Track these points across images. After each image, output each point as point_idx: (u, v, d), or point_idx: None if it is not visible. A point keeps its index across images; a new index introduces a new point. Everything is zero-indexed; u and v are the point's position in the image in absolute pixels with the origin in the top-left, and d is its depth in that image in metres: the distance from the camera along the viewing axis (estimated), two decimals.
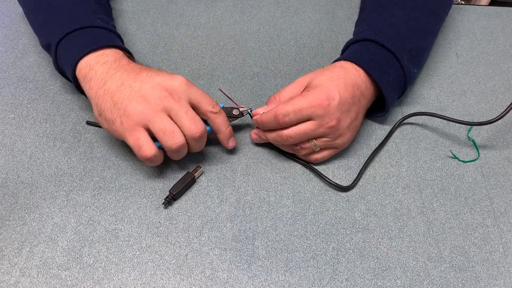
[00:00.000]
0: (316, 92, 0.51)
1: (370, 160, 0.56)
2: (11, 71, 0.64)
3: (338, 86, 0.51)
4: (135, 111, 0.48)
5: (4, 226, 0.50)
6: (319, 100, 0.50)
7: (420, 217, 0.52)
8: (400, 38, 0.57)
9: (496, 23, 0.75)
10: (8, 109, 0.60)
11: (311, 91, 0.51)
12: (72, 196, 0.52)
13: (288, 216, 0.52)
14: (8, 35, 0.69)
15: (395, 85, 0.56)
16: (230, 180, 0.55)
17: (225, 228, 0.51)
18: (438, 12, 0.64)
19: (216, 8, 0.75)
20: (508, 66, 0.69)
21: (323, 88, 0.51)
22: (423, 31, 0.60)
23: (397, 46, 0.56)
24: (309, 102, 0.50)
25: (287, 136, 0.52)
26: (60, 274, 0.47)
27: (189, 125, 0.49)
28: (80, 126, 0.59)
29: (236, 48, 0.69)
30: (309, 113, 0.50)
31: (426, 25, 0.61)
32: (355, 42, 0.58)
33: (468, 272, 0.49)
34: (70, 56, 0.54)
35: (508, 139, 0.60)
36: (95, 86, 0.51)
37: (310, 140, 0.52)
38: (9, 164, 0.55)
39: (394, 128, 0.60)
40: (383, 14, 0.60)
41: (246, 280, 0.47)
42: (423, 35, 0.60)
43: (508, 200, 0.54)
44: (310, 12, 0.75)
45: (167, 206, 0.52)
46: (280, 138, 0.52)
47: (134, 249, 0.49)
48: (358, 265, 0.49)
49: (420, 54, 0.60)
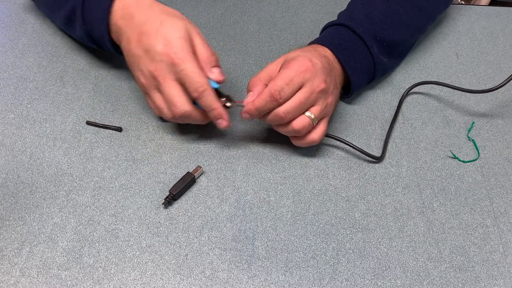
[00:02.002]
0: (298, 61, 0.52)
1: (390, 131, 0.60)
2: (11, 71, 0.64)
3: (313, 55, 0.53)
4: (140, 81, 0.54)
5: (4, 226, 0.50)
6: (305, 65, 0.51)
7: (420, 217, 0.52)
8: (373, 28, 0.60)
9: (496, 23, 0.75)
10: (8, 109, 0.60)
11: (292, 62, 0.52)
12: (72, 196, 0.52)
13: (288, 216, 0.52)
14: (8, 35, 0.69)
15: (363, 71, 0.59)
16: (230, 180, 0.55)
17: (225, 228, 0.51)
18: (427, 9, 0.66)
19: (216, 8, 0.75)
20: (508, 66, 0.69)
21: (302, 57, 0.52)
22: (402, 25, 0.63)
23: (368, 34, 0.59)
24: (296, 70, 0.51)
25: (284, 112, 0.51)
26: (60, 274, 0.47)
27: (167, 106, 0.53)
28: (80, 126, 0.59)
29: (236, 48, 0.69)
30: (300, 80, 0.51)
31: (408, 19, 0.63)
32: (331, 26, 0.62)
33: (468, 272, 0.49)
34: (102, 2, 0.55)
35: (508, 139, 0.60)
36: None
37: (306, 111, 0.52)
38: (9, 164, 0.55)
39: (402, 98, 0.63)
40: (365, 4, 0.63)
41: (246, 280, 0.47)
42: (401, 29, 0.62)
43: (508, 200, 0.54)
44: (310, 12, 0.75)
45: (167, 206, 0.52)
46: (277, 118, 0.52)
47: (134, 249, 0.49)
48: (358, 265, 0.49)
49: (393, 45, 0.62)
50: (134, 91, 0.63)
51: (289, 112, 0.51)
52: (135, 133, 0.58)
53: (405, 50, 0.67)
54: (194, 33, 0.53)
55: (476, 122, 0.62)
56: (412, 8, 0.64)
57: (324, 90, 0.52)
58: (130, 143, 0.57)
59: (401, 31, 0.62)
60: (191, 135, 0.59)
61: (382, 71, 0.62)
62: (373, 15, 0.61)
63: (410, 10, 0.63)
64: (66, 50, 0.67)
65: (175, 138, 0.58)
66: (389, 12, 0.62)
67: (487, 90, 0.59)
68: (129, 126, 0.59)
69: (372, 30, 0.59)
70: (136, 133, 0.58)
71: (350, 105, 0.63)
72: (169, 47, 0.50)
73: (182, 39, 0.51)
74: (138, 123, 0.59)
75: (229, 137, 0.59)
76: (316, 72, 0.51)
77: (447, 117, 0.62)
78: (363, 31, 0.59)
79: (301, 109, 0.51)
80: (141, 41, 0.52)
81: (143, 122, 0.59)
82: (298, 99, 0.51)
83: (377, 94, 0.65)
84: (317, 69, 0.52)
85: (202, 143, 0.58)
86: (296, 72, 0.51)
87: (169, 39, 0.50)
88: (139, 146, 0.57)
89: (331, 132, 0.59)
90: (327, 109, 0.54)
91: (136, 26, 0.53)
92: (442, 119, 0.62)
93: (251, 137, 0.59)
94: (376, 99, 0.64)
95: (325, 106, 0.53)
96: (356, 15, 0.61)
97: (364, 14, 0.61)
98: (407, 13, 0.63)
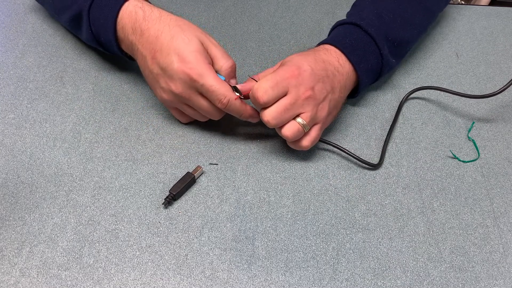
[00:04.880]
0: (286, 66, 0.52)
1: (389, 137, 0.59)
2: (11, 71, 0.64)
3: (307, 60, 0.52)
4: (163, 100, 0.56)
5: (4, 226, 0.50)
6: (290, 71, 0.51)
7: (420, 217, 0.52)
8: (384, 28, 0.59)
9: (496, 23, 0.75)
10: (8, 109, 0.60)
11: (281, 67, 0.52)
12: (72, 196, 0.52)
13: (288, 216, 0.52)
14: (8, 35, 0.69)
15: (371, 71, 0.59)
16: (230, 180, 0.55)
17: (225, 228, 0.51)
18: (430, 8, 0.65)
19: (216, 8, 0.75)
20: (508, 66, 0.69)
21: (293, 62, 0.52)
22: (410, 24, 0.62)
23: (380, 34, 0.58)
24: (281, 75, 0.50)
25: (268, 116, 0.50)
26: (60, 274, 0.47)
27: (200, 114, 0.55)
28: (80, 126, 0.59)
29: (236, 48, 0.69)
30: (285, 85, 0.50)
31: (415, 18, 0.63)
32: (341, 25, 0.60)
33: (468, 272, 0.49)
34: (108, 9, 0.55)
35: (508, 139, 0.60)
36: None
37: (295, 118, 0.51)
38: (9, 164, 0.55)
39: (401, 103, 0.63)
40: (374, 2, 0.62)
41: (246, 280, 0.47)
42: (409, 28, 0.62)
43: (508, 200, 0.54)
44: (310, 12, 0.75)
45: (167, 206, 0.52)
46: (264, 121, 0.51)
47: (134, 249, 0.49)
48: (358, 265, 0.49)
49: (401, 45, 0.61)
50: (134, 91, 0.63)
51: (274, 117, 0.50)
52: (135, 133, 0.58)
53: (410, 49, 0.66)
54: (208, 43, 0.53)
55: (476, 122, 0.62)
56: (418, 6, 0.63)
57: (311, 97, 0.51)
58: (130, 143, 0.57)
59: (409, 30, 0.62)
60: (191, 135, 0.59)
61: (387, 71, 0.62)
62: (383, 14, 0.60)
63: (416, 8, 0.63)
64: (66, 50, 0.67)
65: (175, 138, 0.58)
66: (398, 11, 0.61)
67: (488, 95, 0.58)
68: (129, 126, 0.59)
69: (383, 30, 0.58)
70: (136, 133, 0.58)
71: (349, 105, 0.63)
72: (184, 63, 0.50)
73: (196, 52, 0.51)
74: (138, 123, 0.59)
75: (229, 137, 0.59)
76: (302, 80, 0.50)
77: (447, 117, 0.62)
78: (375, 32, 0.57)
79: (287, 115, 0.51)
80: (156, 58, 0.52)
81: (143, 122, 0.59)
82: (283, 105, 0.50)
83: (377, 94, 0.65)
84: (304, 77, 0.51)
85: (202, 143, 0.58)
86: (281, 77, 0.50)
87: (183, 55, 0.50)
88: (139, 146, 0.57)
89: (330, 133, 0.59)
90: (319, 116, 0.52)
91: (149, 43, 0.53)
92: (442, 119, 0.62)
93: (251, 137, 0.59)
94: (375, 99, 0.64)
95: (315, 113, 0.52)
96: (366, 14, 0.59)
97: (375, 13, 0.60)
98: (414, 12, 0.62)
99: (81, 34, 0.62)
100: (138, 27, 0.54)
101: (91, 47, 0.67)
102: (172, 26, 0.52)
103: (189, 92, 0.52)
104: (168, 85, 0.52)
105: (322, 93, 0.52)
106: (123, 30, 0.55)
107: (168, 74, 0.51)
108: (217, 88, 0.50)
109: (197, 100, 0.52)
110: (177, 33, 0.52)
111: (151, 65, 0.53)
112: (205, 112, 0.54)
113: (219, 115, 0.54)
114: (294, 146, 0.54)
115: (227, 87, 0.51)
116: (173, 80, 0.51)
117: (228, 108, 0.52)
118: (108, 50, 0.60)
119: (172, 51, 0.51)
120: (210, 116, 0.55)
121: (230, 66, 0.54)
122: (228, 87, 0.51)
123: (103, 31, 0.56)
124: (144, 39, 0.53)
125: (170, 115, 0.60)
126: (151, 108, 0.61)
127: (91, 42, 0.60)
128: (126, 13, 0.55)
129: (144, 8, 0.55)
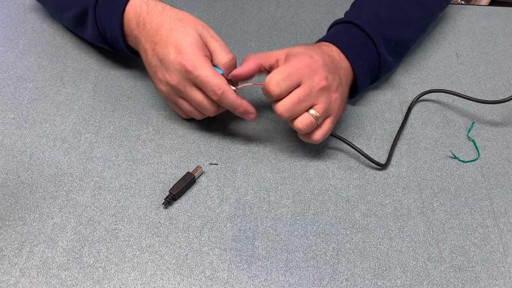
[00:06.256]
0: (298, 57, 0.51)
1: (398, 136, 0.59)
2: (11, 71, 0.64)
3: (316, 52, 0.52)
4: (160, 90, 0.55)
5: (4, 226, 0.50)
6: (304, 61, 0.50)
7: (420, 217, 0.52)
8: (381, 26, 0.59)
9: (496, 23, 0.75)
10: (8, 109, 0.60)
11: (292, 58, 0.51)
12: (72, 196, 0.52)
13: (288, 216, 0.52)
14: (8, 35, 0.69)
15: (369, 70, 0.58)
16: (230, 180, 0.55)
17: (225, 228, 0.51)
18: (430, 7, 0.65)
19: (216, 8, 0.75)
20: (508, 66, 0.69)
21: (303, 54, 0.51)
22: (408, 23, 0.62)
23: (377, 33, 0.58)
24: (294, 66, 0.50)
25: (281, 108, 0.50)
26: (60, 274, 0.47)
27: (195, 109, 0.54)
28: (80, 126, 0.59)
29: (236, 48, 0.69)
30: (298, 76, 0.49)
31: (414, 18, 0.63)
32: (339, 23, 0.60)
33: (468, 272, 0.49)
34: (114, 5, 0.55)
35: (508, 139, 0.60)
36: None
37: (308, 110, 0.50)
38: (9, 164, 0.55)
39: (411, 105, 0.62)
40: (373, 1, 0.62)
41: (246, 280, 0.47)
42: (407, 27, 0.62)
43: (508, 200, 0.54)
44: (310, 12, 0.75)
45: (167, 206, 0.52)
46: (276, 113, 0.51)
47: (134, 249, 0.49)
48: (358, 265, 0.49)
49: (400, 45, 0.61)
50: (134, 91, 0.63)
51: (287, 109, 0.49)
52: (135, 133, 0.58)
53: (409, 49, 0.66)
54: (208, 37, 0.53)
55: (476, 122, 0.62)
56: (417, 6, 0.63)
57: (326, 87, 0.50)
58: (130, 143, 0.57)
59: (407, 30, 0.62)
60: (191, 135, 0.59)
61: (386, 71, 0.62)
62: (381, 13, 0.60)
63: (416, 7, 0.63)
64: (66, 50, 0.67)
65: (175, 138, 0.58)
66: (396, 10, 0.61)
67: (499, 101, 0.58)
68: (129, 126, 0.59)
69: (381, 30, 0.58)
70: (136, 133, 0.58)
71: (349, 105, 0.63)
72: (180, 54, 0.50)
73: (193, 44, 0.51)
74: (138, 123, 0.59)
75: (229, 137, 0.59)
76: (316, 69, 0.50)
77: (447, 117, 0.62)
78: (372, 30, 0.58)
79: (301, 107, 0.50)
80: (155, 50, 0.52)
81: (143, 122, 0.59)
82: (297, 96, 0.49)
83: (377, 94, 0.65)
84: (317, 66, 0.50)
85: (202, 143, 0.58)
86: (294, 68, 0.49)
87: (179, 46, 0.50)
88: (139, 146, 0.57)
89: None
90: (332, 108, 0.51)
91: (150, 35, 0.53)
92: (442, 119, 0.62)
93: (251, 137, 0.59)
94: (375, 99, 0.64)
95: (328, 104, 0.51)
96: (364, 13, 0.60)
97: (372, 12, 0.60)
98: (413, 11, 0.62)
99: (85, 32, 0.62)
100: (141, 21, 0.54)
101: (91, 47, 0.67)
102: (172, 19, 0.52)
103: (184, 84, 0.51)
104: (164, 76, 0.52)
105: (334, 83, 0.52)
106: (129, 25, 0.55)
107: (165, 66, 0.51)
108: (212, 79, 0.50)
109: (192, 92, 0.52)
110: (176, 25, 0.52)
111: (151, 57, 0.53)
112: (200, 106, 0.53)
113: (214, 110, 0.53)
114: (305, 139, 0.53)
115: (222, 79, 0.50)
116: (169, 71, 0.51)
117: (222, 101, 0.51)
118: (113, 47, 0.60)
119: (170, 43, 0.51)
120: (206, 111, 0.53)
121: (230, 60, 0.53)
122: (223, 79, 0.51)
123: (110, 27, 0.56)
124: (146, 32, 0.53)
125: (170, 115, 0.60)
126: (151, 108, 0.61)
127: (95, 39, 0.60)
128: (132, 8, 0.55)
129: (149, 3, 0.55)
